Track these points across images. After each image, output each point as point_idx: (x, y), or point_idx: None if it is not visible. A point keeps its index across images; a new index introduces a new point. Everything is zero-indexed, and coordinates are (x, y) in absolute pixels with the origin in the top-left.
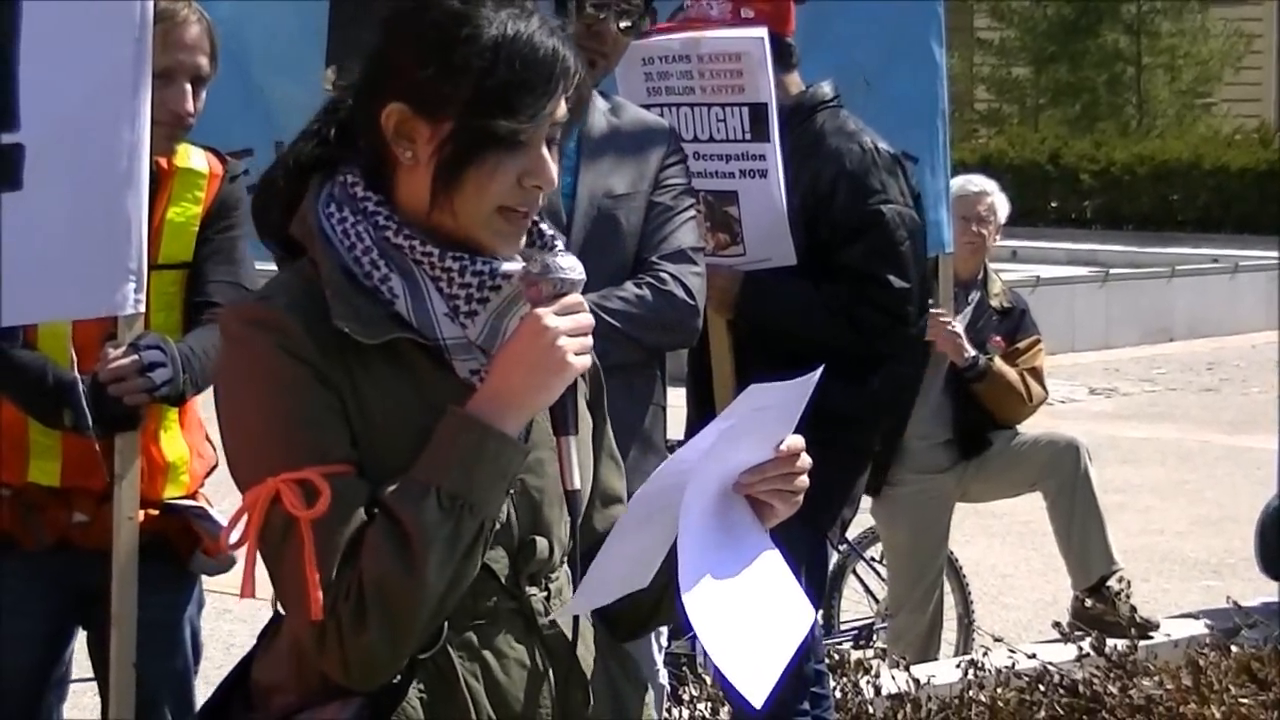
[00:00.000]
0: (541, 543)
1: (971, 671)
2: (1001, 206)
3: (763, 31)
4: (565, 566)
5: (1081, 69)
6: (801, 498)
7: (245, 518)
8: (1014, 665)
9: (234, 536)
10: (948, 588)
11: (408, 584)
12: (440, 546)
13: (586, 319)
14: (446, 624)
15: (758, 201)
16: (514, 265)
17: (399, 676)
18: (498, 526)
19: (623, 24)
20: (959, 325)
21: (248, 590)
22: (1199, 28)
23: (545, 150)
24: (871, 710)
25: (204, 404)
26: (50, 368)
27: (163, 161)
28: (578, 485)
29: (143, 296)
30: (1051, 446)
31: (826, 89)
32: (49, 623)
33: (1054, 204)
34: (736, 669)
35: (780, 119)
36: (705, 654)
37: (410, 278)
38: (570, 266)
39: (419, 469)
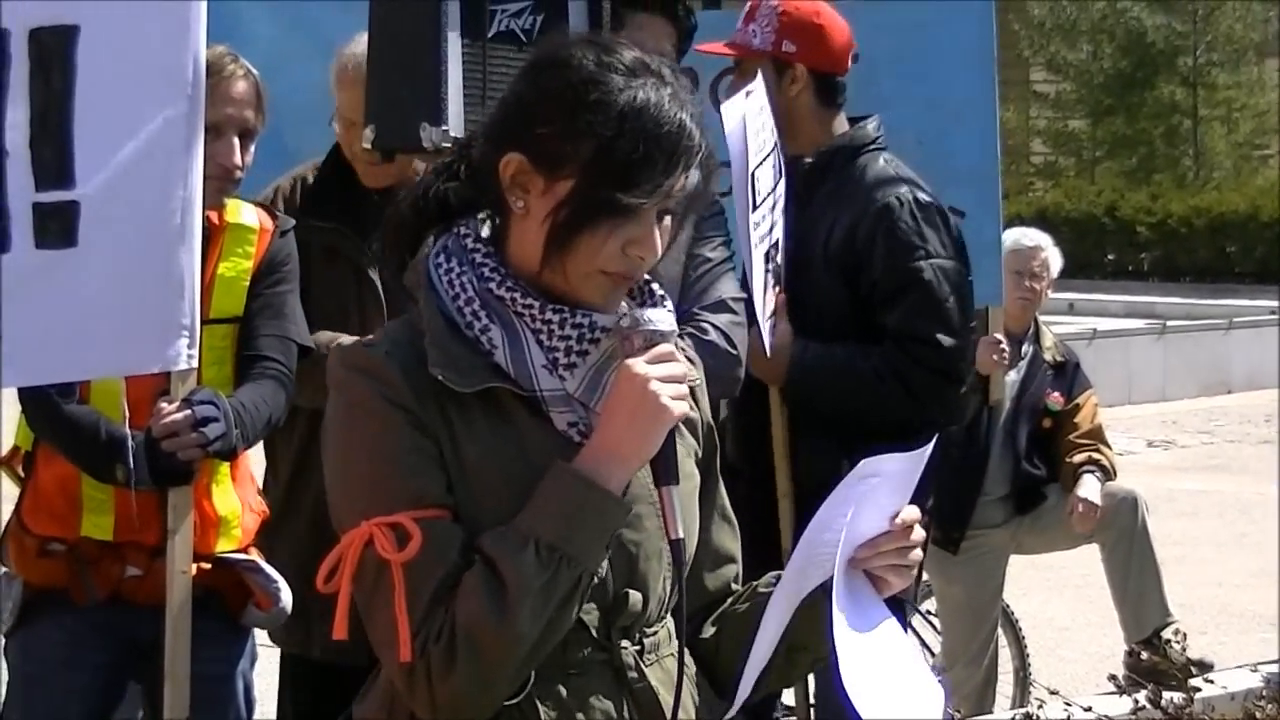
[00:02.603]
0: (635, 596)
1: None
2: (1055, 261)
3: (741, 97)
4: (669, 619)
5: (1138, 121)
6: (915, 571)
7: (340, 560)
8: (1070, 718)
9: (329, 579)
10: (1003, 640)
11: (500, 631)
12: (535, 596)
13: (679, 368)
14: (534, 672)
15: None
16: (612, 319)
17: None
18: (595, 580)
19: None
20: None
21: (340, 631)
22: (1255, 80)
23: (654, 222)
24: None
25: (255, 458)
26: (103, 423)
27: (213, 216)
28: (681, 534)
29: (195, 351)
30: (1109, 500)
31: (870, 129)
32: (102, 676)
33: (1111, 256)
34: None
35: (822, 162)
36: None
37: (510, 329)
38: (661, 319)
39: (521, 520)
